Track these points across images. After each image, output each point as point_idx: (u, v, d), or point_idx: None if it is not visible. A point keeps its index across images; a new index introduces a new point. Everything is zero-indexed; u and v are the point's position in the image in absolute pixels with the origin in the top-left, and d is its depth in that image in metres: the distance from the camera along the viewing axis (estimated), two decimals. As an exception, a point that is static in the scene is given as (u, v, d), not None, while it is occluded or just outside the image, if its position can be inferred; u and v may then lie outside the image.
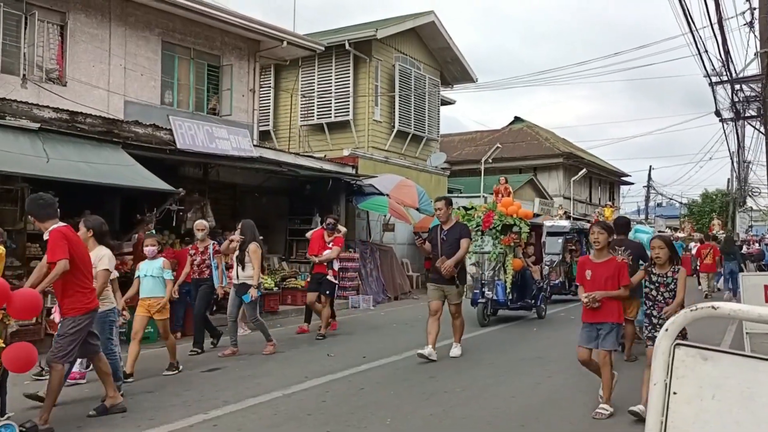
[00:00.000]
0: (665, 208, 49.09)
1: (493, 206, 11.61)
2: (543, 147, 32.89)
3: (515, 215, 11.29)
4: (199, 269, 8.85)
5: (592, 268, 5.48)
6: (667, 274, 5.32)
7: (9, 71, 11.37)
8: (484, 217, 11.16)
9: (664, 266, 5.35)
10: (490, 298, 11.16)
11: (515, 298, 11.52)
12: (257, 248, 8.34)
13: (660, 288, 5.34)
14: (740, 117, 18.41)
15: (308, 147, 19.04)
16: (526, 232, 11.30)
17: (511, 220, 11.22)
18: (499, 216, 11.15)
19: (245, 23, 14.72)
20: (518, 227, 11.30)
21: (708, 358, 1.60)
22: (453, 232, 7.94)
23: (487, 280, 11.26)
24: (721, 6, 11.31)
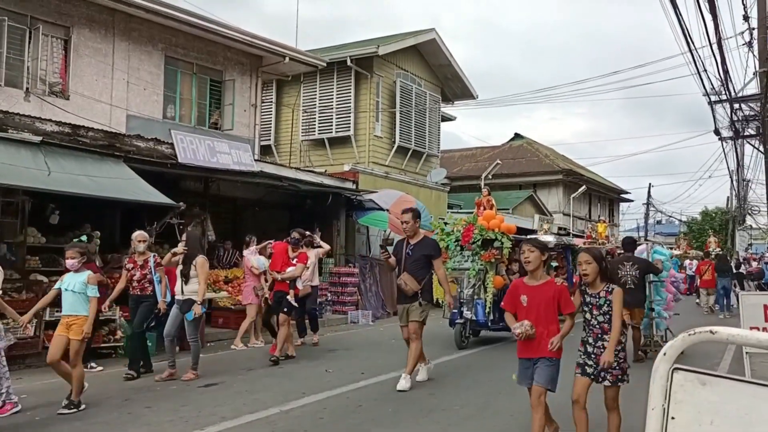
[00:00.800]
0: (665, 226, 49.13)
1: (474, 219, 10.85)
2: (543, 163, 33.00)
3: (497, 229, 10.52)
4: (140, 285, 8.00)
5: (527, 292, 4.72)
6: (600, 294, 4.58)
7: (12, 84, 11.44)
8: (463, 231, 10.53)
9: (596, 285, 4.62)
10: (469, 318, 10.42)
11: (497, 319, 10.47)
12: (205, 262, 7.80)
13: (593, 310, 4.60)
14: (739, 136, 18.49)
15: (309, 162, 19.09)
16: (508, 247, 10.45)
17: (492, 235, 10.48)
18: (479, 230, 10.51)
19: (248, 39, 14.83)
20: (500, 242, 10.53)
21: (706, 383, 1.61)
22: (420, 247, 7.30)
23: (466, 298, 10.52)
24: (720, 26, 11.39)
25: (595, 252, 4.75)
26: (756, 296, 9.54)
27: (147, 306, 7.98)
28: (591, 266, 4.60)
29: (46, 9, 11.86)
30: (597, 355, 4.51)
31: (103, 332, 9.11)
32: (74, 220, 9.79)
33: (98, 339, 8.90)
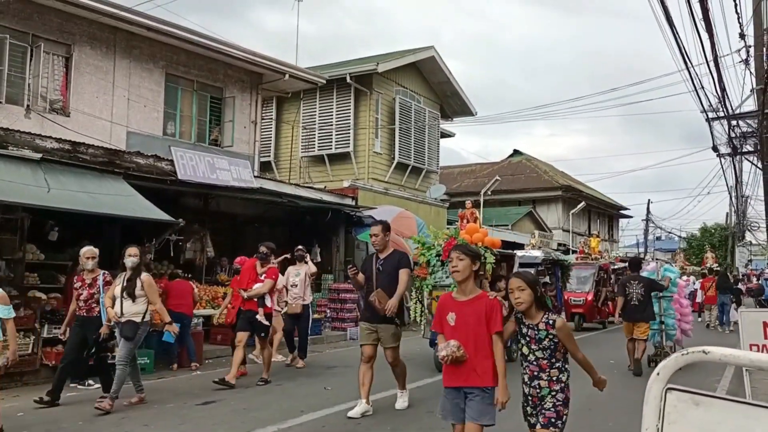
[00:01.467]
0: (664, 242, 49.10)
1: (456, 233, 10.28)
2: (542, 180, 33.08)
3: (480, 243, 9.87)
4: (87, 305, 7.27)
5: (455, 308, 4.03)
6: (539, 327, 3.79)
7: (13, 102, 11.50)
8: (444, 245, 9.83)
9: (533, 314, 3.83)
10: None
11: None
12: (151, 279, 7.28)
13: (531, 344, 3.82)
14: (737, 152, 18.54)
15: (309, 178, 19.14)
16: (491, 262, 9.77)
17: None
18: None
19: (248, 57, 14.94)
20: (483, 257, 10.16)
21: (700, 404, 1.61)
22: (390, 261, 6.81)
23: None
24: (716, 44, 11.48)
25: (529, 276, 3.95)
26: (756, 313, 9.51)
27: (91, 329, 7.24)
28: (524, 293, 3.83)
29: (47, 27, 11.96)
30: (533, 396, 3.86)
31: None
32: (73, 237, 9.79)
33: (96, 356, 8.85)
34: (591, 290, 18.07)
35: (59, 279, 9.35)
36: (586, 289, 18.16)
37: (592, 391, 4.18)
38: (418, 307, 10.11)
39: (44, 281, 9.33)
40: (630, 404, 7.30)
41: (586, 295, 17.93)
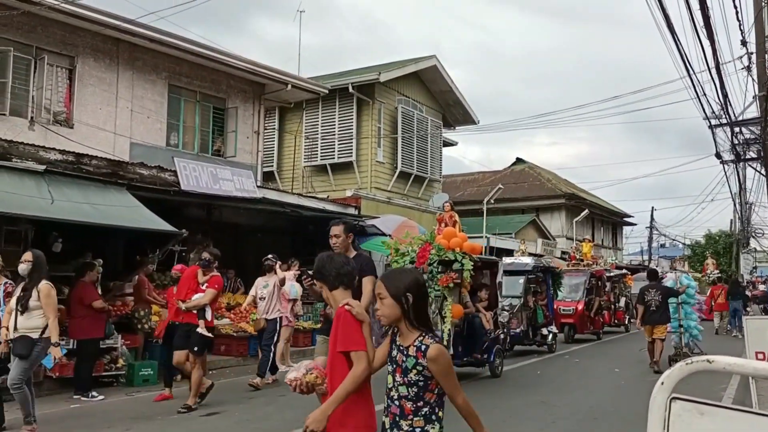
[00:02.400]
0: (668, 249, 48.95)
1: (431, 238, 9.50)
2: (545, 188, 33.05)
3: (458, 249, 9.15)
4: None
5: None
6: (408, 351, 2.69)
7: (17, 114, 11.56)
8: (419, 252, 9.19)
9: (405, 333, 2.73)
10: None
11: (461, 352, 9.52)
12: (51, 289, 6.25)
13: (396, 374, 2.74)
14: (741, 159, 18.50)
15: (311, 188, 19.16)
16: (468, 269, 8.98)
17: (451, 255, 9.06)
18: (437, 250, 9.13)
19: (250, 67, 15.00)
20: (459, 264, 9.04)
21: (705, 413, 1.59)
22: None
23: None
24: (718, 51, 11.49)
25: (395, 280, 2.79)
26: (761, 320, 9.50)
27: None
28: (385, 303, 2.74)
29: (51, 39, 12.03)
30: None
31: (105, 361, 9.06)
32: (77, 248, 9.81)
33: (99, 368, 8.86)
34: (582, 299, 16.92)
35: (63, 290, 9.33)
36: (576, 297, 16.95)
37: (597, 401, 4.07)
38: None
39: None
40: (635, 414, 7.25)
41: (577, 304, 16.74)
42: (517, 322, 12.98)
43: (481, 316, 10.16)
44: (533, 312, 13.72)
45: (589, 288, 17.47)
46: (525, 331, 13.32)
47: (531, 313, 13.71)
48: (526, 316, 13.48)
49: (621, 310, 20.46)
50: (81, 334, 8.46)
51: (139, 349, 9.87)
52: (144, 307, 9.91)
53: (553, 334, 14.11)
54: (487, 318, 10.26)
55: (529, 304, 13.66)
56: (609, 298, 19.30)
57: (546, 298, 14.55)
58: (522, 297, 13.39)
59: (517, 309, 13.07)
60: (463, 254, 9.15)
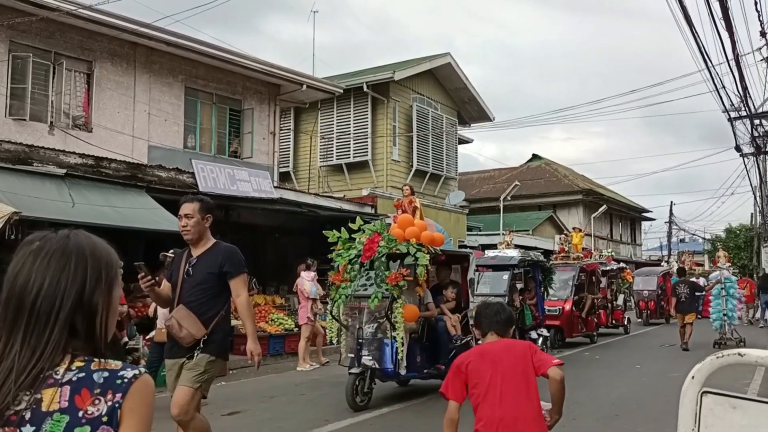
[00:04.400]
0: (688, 244, 48.40)
1: (381, 227, 8.16)
2: (562, 184, 32.86)
3: (414, 240, 7.81)
4: None
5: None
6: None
7: (37, 119, 11.71)
8: (366, 243, 7.86)
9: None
10: (369, 366, 7.63)
11: (420, 363, 8.16)
12: None
13: None
14: (761, 152, 18.28)
15: (327, 187, 19.20)
16: (423, 264, 7.62)
17: (403, 248, 7.70)
18: (386, 241, 7.79)
19: (266, 68, 15.07)
20: (413, 258, 7.68)
21: (737, 407, 1.58)
22: (207, 261, 4.37)
23: (367, 338, 7.79)
24: (737, 43, 11.35)
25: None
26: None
27: None
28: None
29: (69, 45, 12.17)
30: None
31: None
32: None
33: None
34: (570, 297, 14.68)
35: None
36: (563, 296, 14.68)
37: (618, 397, 4.07)
38: (334, 326, 8.21)
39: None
40: (658, 411, 7.19)
41: (564, 304, 14.48)
42: None
43: (446, 318, 8.57)
44: (520, 312, 11.93)
45: (579, 284, 15.34)
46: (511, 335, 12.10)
47: (518, 313, 11.76)
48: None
49: (619, 308, 18.57)
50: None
51: (160, 350, 9.95)
52: (164, 308, 9.98)
53: (544, 338, 12.45)
54: (453, 321, 8.61)
55: (515, 304, 11.97)
56: (605, 295, 17.25)
57: (535, 296, 12.83)
58: (506, 295, 11.52)
59: None
60: (418, 246, 7.74)
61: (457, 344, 8.39)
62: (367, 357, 7.68)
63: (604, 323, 16.77)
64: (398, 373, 7.71)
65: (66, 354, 1.27)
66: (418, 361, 8.08)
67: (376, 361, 7.63)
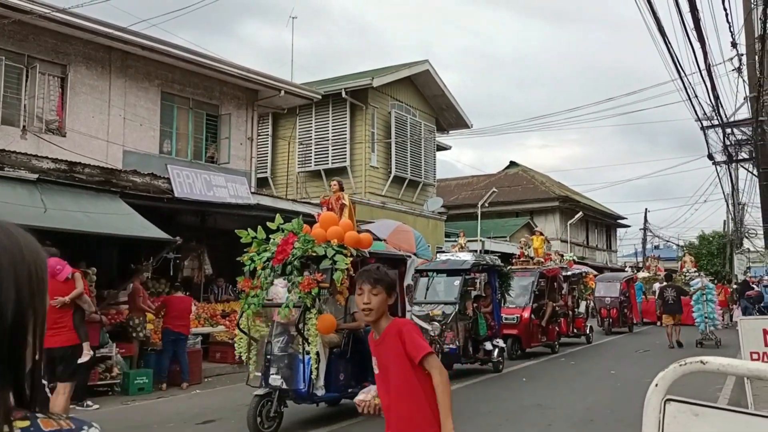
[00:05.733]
0: (662, 251, 49.07)
1: (298, 226, 7.20)
2: (539, 191, 33.15)
3: (335, 241, 6.95)
4: None
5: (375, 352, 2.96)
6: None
7: (9, 122, 11.52)
8: (279, 245, 7.02)
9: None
10: (277, 386, 6.65)
11: (345, 381, 7.11)
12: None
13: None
14: (733, 160, 18.62)
15: (306, 193, 19.15)
16: (342, 269, 6.67)
17: (321, 250, 6.82)
18: (302, 242, 6.91)
19: (243, 74, 14.99)
20: (331, 261, 6.76)
21: (699, 414, 1.60)
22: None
23: (275, 353, 6.82)
24: (708, 53, 11.56)
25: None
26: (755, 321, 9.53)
27: None
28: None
29: (43, 48, 12.00)
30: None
31: (100, 370, 9.02)
32: (70, 257, 9.75)
33: (94, 377, 8.82)
34: (528, 304, 13.67)
35: (56, 299, 9.30)
36: (522, 303, 13.66)
37: (593, 402, 4.13)
38: (243, 340, 7.14)
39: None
40: (631, 416, 7.26)
41: (521, 311, 13.43)
42: (452, 335, 10.40)
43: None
44: (474, 321, 11.07)
45: (538, 291, 14.37)
46: (463, 346, 10.61)
47: (471, 323, 11.02)
48: (464, 328, 10.74)
49: (581, 316, 17.29)
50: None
51: (134, 358, 9.83)
52: (139, 315, 9.87)
53: (500, 349, 11.46)
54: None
55: (468, 312, 11.10)
56: (566, 302, 16.27)
57: (491, 303, 11.84)
58: (457, 303, 10.64)
59: (452, 318, 10.42)
60: (339, 248, 6.86)
61: None
62: (275, 376, 6.69)
63: (564, 332, 15.90)
64: (313, 394, 6.67)
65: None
66: (341, 379, 7.05)
67: (286, 380, 6.63)
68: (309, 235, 7.00)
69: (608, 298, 20.18)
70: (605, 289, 20.33)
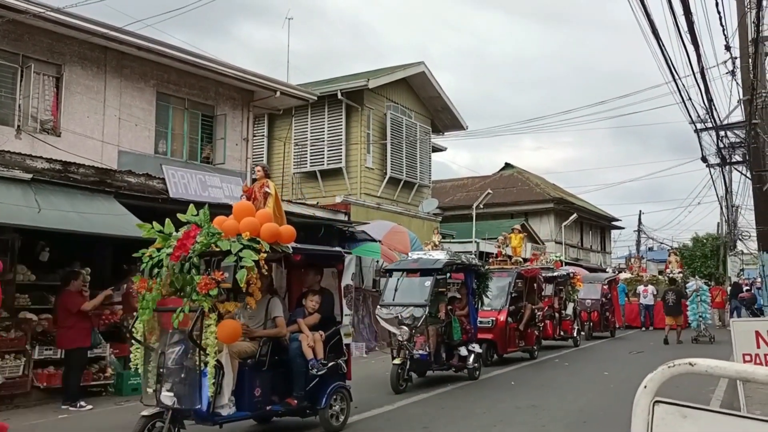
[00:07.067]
0: (656, 252, 49.28)
1: (204, 219, 6.19)
2: (533, 192, 33.21)
3: (247, 234, 5.94)
4: None
5: None
6: None
7: (4, 122, 11.48)
8: (180, 238, 5.97)
9: None
10: (170, 406, 5.63)
11: (262, 397, 6.24)
12: None
13: None
14: (726, 163, 18.69)
15: (301, 194, 19.16)
16: (249, 265, 5.66)
17: (225, 244, 5.81)
18: (206, 236, 5.90)
19: (239, 74, 14.98)
20: (236, 257, 5.72)
21: (687, 416, 1.62)
22: None
23: (170, 367, 5.76)
24: (702, 56, 11.61)
25: None
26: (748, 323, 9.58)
27: None
28: None
29: (38, 47, 11.97)
30: None
31: (93, 370, 9.01)
32: (64, 257, 9.74)
33: (88, 377, 8.80)
34: (505, 307, 12.71)
35: (50, 300, 9.29)
36: (498, 305, 12.69)
37: (585, 403, 4.15)
38: (138, 350, 6.05)
39: (35, 302, 9.26)
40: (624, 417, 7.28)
41: (497, 314, 12.52)
42: (423, 339, 9.67)
43: (302, 338, 6.62)
44: (447, 325, 10.40)
45: (516, 293, 13.55)
46: (435, 351, 9.88)
47: (444, 326, 10.33)
48: (436, 332, 9.99)
49: (568, 318, 16.63)
50: (68, 344, 8.40)
51: (128, 358, 9.79)
52: (132, 315, 9.83)
53: (476, 354, 10.74)
54: (310, 341, 6.66)
55: (440, 315, 10.37)
56: (551, 304, 15.68)
57: (467, 305, 11.10)
58: (426, 305, 9.72)
59: (422, 322, 9.58)
60: (248, 242, 5.86)
61: (315, 371, 6.53)
62: (168, 393, 5.64)
63: (550, 335, 15.43)
64: (215, 413, 5.69)
65: None
66: (256, 395, 6.14)
67: (179, 398, 5.59)
68: (214, 227, 6.03)
69: (589, 301, 19.03)
70: (585, 291, 18.84)
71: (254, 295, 5.88)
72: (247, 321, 6.53)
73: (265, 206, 7.46)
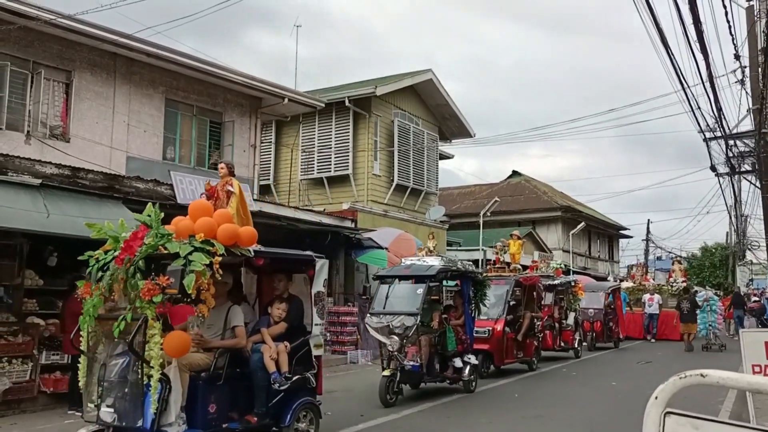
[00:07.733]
0: (664, 262, 49.00)
1: (155, 217, 5.64)
2: (541, 200, 33.13)
3: (201, 236, 5.47)
4: None
5: None
6: None
7: (14, 128, 11.55)
8: (127, 239, 5.49)
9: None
10: (110, 423, 5.19)
11: (217, 414, 5.69)
12: None
13: None
14: (735, 172, 18.60)
15: (308, 201, 19.18)
16: (198, 269, 5.14)
17: (174, 246, 5.32)
18: (154, 237, 5.42)
19: (247, 81, 15.05)
20: (184, 260, 5.23)
21: (699, 428, 1.60)
22: None
23: (111, 381, 5.33)
24: (711, 65, 11.59)
25: None
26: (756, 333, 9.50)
27: None
28: None
29: (48, 54, 12.06)
30: None
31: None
32: (72, 263, 9.76)
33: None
34: (502, 316, 12.18)
35: (57, 305, 9.32)
36: (494, 314, 12.13)
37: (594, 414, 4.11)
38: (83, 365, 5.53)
39: (43, 307, 9.29)
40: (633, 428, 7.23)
41: (494, 324, 12.01)
42: (414, 350, 9.22)
43: (264, 349, 6.11)
44: (441, 335, 9.95)
45: (514, 302, 13.03)
46: (427, 362, 9.42)
47: (437, 336, 9.90)
48: (429, 342, 9.56)
49: (569, 328, 16.08)
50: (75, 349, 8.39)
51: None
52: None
53: (472, 366, 10.24)
54: (273, 352, 6.13)
55: (433, 324, 9.99)
56: (551, 313, 15.19)
57: (463, 315, 10.59)
58: (419, 314, 9.27)
59: (414, 331, 9.13)
60: (201, 244, 5.36)
61: (278, 386, 5.99)
62: (109, 409, 5.17)
63: (550, 346, 14.95)
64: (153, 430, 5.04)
65: None
66: (211, 411, 5.62)
67: (120, 415, 5.13)
68: (164, 228, 5.52)
69: (591, 310, 18.50)
70: (588, 300, 18.35)
71: (207, 302, 5.29)
72: (203, 330, 5.96)
73: (228, 206, 6.95)
